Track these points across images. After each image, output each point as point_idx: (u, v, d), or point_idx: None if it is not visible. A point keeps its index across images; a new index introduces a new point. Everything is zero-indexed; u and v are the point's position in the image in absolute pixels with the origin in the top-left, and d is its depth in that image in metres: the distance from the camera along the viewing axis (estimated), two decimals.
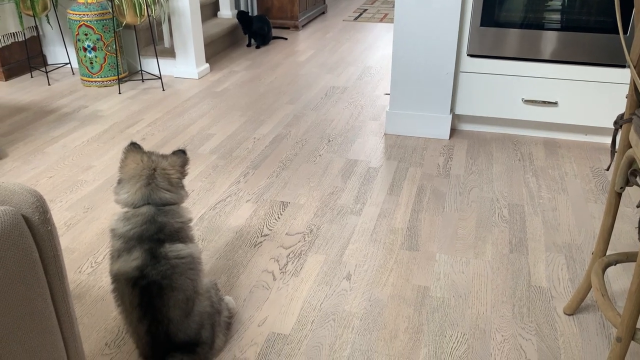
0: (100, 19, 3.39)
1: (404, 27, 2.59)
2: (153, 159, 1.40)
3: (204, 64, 3.80)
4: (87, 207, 2.16)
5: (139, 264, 1.31)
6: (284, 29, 5.14)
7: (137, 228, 1.34)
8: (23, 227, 0.90)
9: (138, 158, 1.39)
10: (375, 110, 3.14)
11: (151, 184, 1.36)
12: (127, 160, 1.40)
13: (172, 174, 1.40)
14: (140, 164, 1.38)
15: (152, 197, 1.36)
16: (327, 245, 1.93)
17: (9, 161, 2.53)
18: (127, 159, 1.40)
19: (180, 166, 1.42)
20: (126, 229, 1.35)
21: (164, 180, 1.38)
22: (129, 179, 1.38)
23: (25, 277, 0.91)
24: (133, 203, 1.36)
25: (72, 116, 3.06)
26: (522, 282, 1.75)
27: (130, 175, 1.38)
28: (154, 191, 1.36)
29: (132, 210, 1.36)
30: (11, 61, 3.66)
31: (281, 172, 2.44)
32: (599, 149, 2.64)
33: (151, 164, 1.38)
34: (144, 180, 1.36)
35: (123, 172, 1.40)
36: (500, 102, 2.68)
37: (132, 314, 1.33)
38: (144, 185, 1.36)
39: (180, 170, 1.42)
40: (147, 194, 1.36)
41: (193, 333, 1.37)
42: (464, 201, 2.20)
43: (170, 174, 1.40)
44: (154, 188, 1.36)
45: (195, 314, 1.37)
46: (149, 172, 1.37)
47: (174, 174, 1.40)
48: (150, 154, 1.41)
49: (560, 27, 2.47)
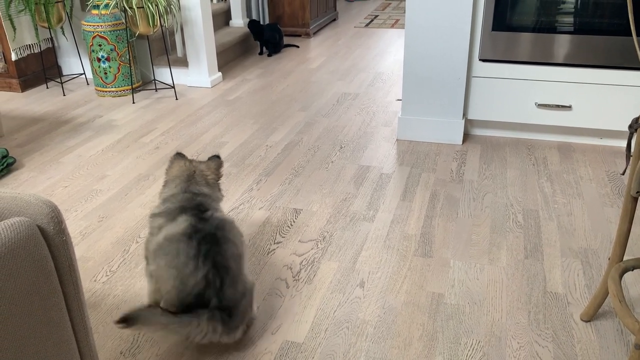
0: (113, 29, 3.43)
1: (415, 32, 2.59)
2: (194, 163, 1.64)
3: (216, 73, 3.83)
4: (101, 216, 2.18)
5: (188, 224, 1.45)
6: (295, 36, 5.16)
7: (177, 203, 1.52)
8: (38, 237, 0.91)
9: (181, 163, 1.64)
10: (387, 116, 3.14)
11: (190, 181, 1.59)
12: (172, 165, 1.65)
13: (209, 175, 1.63)
14: (182, 167, 1.62)
15: (190, 188, 1.56)
16: (340, 252, 1.93)
17: (25, 171, 2.56)
18: (172, 164, 1.65)
19: (215, 169, 1.65)
20: (166, 206, 1.53)
21: (201, 179, 1.61)
22: (172, 179, 1.61)
23: (40, 288, 0.92)
24: (174, 194, 1.56)
25: (87, 126, 3.09)
26: (538, 288, 1.73)
27: (174, 176, 1.61)
28: (192, 185, 1.58)
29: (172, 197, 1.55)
30: (27, 72, 3.72)
31: (293, 179, 2.44)
32: (615, 153, 2.61)
33: (191, 167, 1.62)
34: (184, 178, 1.59)
35: (168, 175, 1.64)
36: (513, 107, 2.66)
37: (186, 267, 1.38)
38: (184, 181, 1.58)
39: (215, 172, 1.65)
40: (187, 186, 1.57)
41: (237, 298, 1.44)
42: (478, 207, 2.19)
43: (207, 175, 1.63)
44: (193, 183, 1.58)
45: (243, 278, 1.47)
46: (190, 173, 1.61)
47: (210, 175, 1.63)
48: (192, 160, 1.65)
49: (573, 30, 2.46)
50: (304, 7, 5.08)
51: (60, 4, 3.47)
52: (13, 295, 0.86)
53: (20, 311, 0.88)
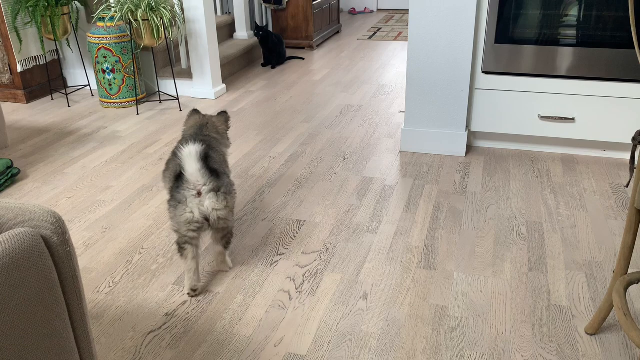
0: (119, 41, 3.46)
1: (418, 45, 2.60)
2: (206, 116, 2.04)
3: (220, 85, 3.85)
4: (105, 227, 2.19)
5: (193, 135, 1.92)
6: (299, 48, 5.19)
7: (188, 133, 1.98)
8: (42, 248, 0.92)
9: (196, 117, 2.04)
10: (391, 128, 3.14)
11: (202, 129, 1.97)
12: (189, 119, 2.06)
13: (219, 125, 2.03)
14: (197, 119, 2.02)
15: (203, 133, 1.95)
16: (344, 264, 1.92)
17: (29, 182, 2.57)
18: (189, 118, 2.06)
19: (225, 121, 2.06)
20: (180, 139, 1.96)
21: (213, 128, 2.00)
22: (189, 128, 2.01)
23: (44, 298, 0.92)
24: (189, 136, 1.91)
25: (91, 137, 3.11)
26: (542, 301, 1.72)
27: (190, 126, 2.01)
28: (204, 130, 1.96)
29: None
30: (32, 84, 3.75)
31: (297, 190, 2.45)
32: (618, 165, 2.61)
33: (205, 119, 2.02)
34: (199, 127, 1.97)
35: (186, 125, 2.04)
36: (516, 119, 2.67)
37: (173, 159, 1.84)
38: (199, 128, 1.97)
39: (225, 123, 2.06)
40: (200, 131, 1.95)
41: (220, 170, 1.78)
42: (482, 219, 2.18)
43: (218, 125, 2.03)
44: (205, 130, 1.97)
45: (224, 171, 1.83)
46: (203, 123, 2.00)
47: (221, 125, 2.04)
48: (205, 114, 2.06)
49: (575, 42, 2.47)
50: (308, 20, 5.12)
51: (67, 16, 3.50)
52: (17, 306, 0.86)
53: (24, 322, 0.88)
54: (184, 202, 1.69)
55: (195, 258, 1.75)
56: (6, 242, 0.85)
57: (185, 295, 1.78)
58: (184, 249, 1.73)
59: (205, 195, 1.69)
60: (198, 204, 1.69)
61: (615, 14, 2.38)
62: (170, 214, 1.73)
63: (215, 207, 1.70)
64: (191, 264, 1.74)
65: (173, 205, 1.71)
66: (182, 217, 1.69)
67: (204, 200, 1.69)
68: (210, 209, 1.69)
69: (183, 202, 1.69)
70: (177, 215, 1.70)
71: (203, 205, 1.69)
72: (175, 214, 1.71)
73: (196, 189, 1.68)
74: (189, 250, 1.73)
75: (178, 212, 1.70)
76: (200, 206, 1.69)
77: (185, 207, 1.69)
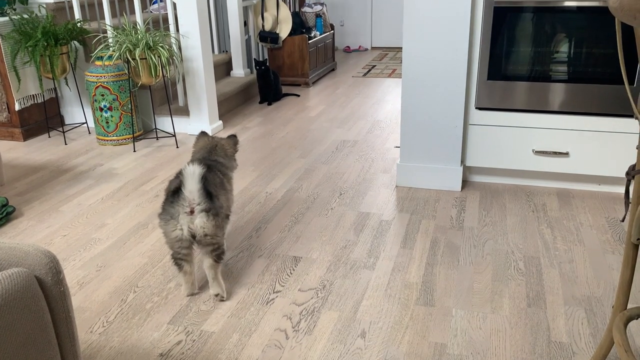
0: (116, 80, 3.50)
1: (412, 81, 2.64)
2: (215, 139, 2.13)
3: (217, 121, 3.88)
4: (100, 265, 2.16)
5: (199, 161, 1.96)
6: (295, 85, 5.26)
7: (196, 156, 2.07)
8: (36, 288, 0.91)
9: (206, 139, 2.13)
10: (386, 163, 3.16)
11: (212, 151, 2.07)
12: (198, 141, 2.14)
13: (228, 148, 2.13)
14: (206, 142, 2.11)
15: (211, 157, 2.04)
16: (341, 301, 1.90)
17: (24, 220, 2.56)
18: (198, 140, 2.14)
19: (233, 144, 2.15)
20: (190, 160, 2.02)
21: (221, 151, 2.10)
22: (198, 150, 2.09)
23: (36, 340, 0.90)
24: (197, 159, 2.00)
25: (88, 174, 3.11)
26: (542, 338, 1.70)
27: (200, 148, 2.10)
28: (212, 154, 2.06)
29: None
30: (30, 122, 3.77)
31: (293, 226, 2.44)
32: (614, 199, 2.62)
33: (214, 141, 2.12)
34: (207, 149, 2.07)
35: (195, 147, 2.12)
36: (510, 154, 2.69)
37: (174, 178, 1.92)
38: (207, 151, 2.07)
39: (233, 147, 2.15)
40: (208, 155, 2.05)
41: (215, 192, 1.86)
42: (479, 254, 2.17)
43: (227, 148, 2.12)
44: (214, 153, 2.07)
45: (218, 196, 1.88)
46: (212, 145, 2.09)
47: (229, 148, 2.13)
48: (214, 137, 2.15)
49: (567, 78, 2.51)
50: (304, 58, 5.20)
51: (65, 55, 3.55)
52: (9, 348, 0.84)
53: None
54: (175, 217, 1.80)
55: (191, 272, 1.91)
56: None
57: (180, 335, 1.75)
58: (180, 265, 1.88)
59: (196, 215, 1.79)
60: (189, 221, 1.80)
61: (605, 50, 2.43)
62: (161, 228, 1.85)
63: (203, 225, 1.80)
64: (187, 278, 1.91)
65: (164, 219, 1.82)
66: (172, 234, 1.81)
67: (195, 218, 1.79)
68: (198, 227, 1.80)
69: (175, 218, 1.80)
70: (168, 231, 1.82)
71: (193, 223, 1.80)
72: (166, 229, 1.83)
73: (190, 206, 1.78)
74: (184, 265, 1.88)
75: (169, 227, 1.81)
76: (190, 224, 1.80)
77: (176, 222, 1.80)
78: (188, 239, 1.82)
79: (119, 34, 3.37)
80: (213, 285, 1.91)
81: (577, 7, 2.39)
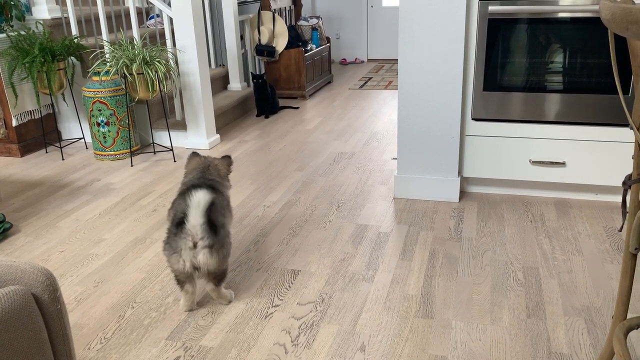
0: (113, 95, 3.51)
1: (408, 93, 2.65)
2: (208, 158, 2.07)
3: (214, 135, 3.89)
4: (97, 281, 2.15)
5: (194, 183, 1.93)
6: (292, 98, 5.28)
7: (193, 181, 1.96)
8: (33, 306, 0.90)
9: (198, 159, 2.07)
10: (384, 175, 3.16)
11: (205, 172, 2.01)
12: (190, 161, 2.08)
13: (221, 169, 2.06)
14: (199, 162, 2.06)
15: (204, 177, 1.98)
16: (340, 314, 1.89)
17: (21, 236, 2.55)
18: (190, 160, 2.09)
19: (227, 165, 2.09)
20: (184, 180, 2.01)
21: (215, 171, 2.03)
22: (190, 171, 2.03)
23: (33, 358, 0.89)
24: (191, 179, 1.97)
25: (85, 190, 3.10)
26: (542, 349, 1.69)
27: (192, 168, 2.04)
28: (206, 174, 1.99)
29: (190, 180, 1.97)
30: (27, 138, 3.77)
31: (291, 239, 2.43)
32: (611, 208, 2.62)
33: (207, 161, 2.05)
34: (201, 169, 2.01)
35: (187, 168, 2.07)
36: (507, 164, 2.69)
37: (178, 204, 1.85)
38: (201, 171, 2.01)
39: (226, 167, 2.09)
40: (201, 175, 1.99)
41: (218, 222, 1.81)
42: (478, 265, 2.17)
43: (220, 168, 2.06)
44: (207, 173, 2.00)
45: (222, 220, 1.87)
46: (205, 166, 2.03)
47: (223, 169, 2.07)
48: (206, 156, 2.09)
49: (562, 89, 2.52)
50: (300, 71, 5.22)
51: (62, 71, 3.56)
52: None
53: None
54: (178, 252, 1.78)
55: (193, 292, 1.91)
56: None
57: (179, 351, 1.74)
58: (182, 286, 1.89)
59: (200, 250, 1.77)
60: (192, 256, 1.78)
61: (599, 60, 2.45)
62: (165, 257, 1.84)
63: (206, 262, 1.79)
64: (188, 297, 1.91)
65: (168, 251, 1.81)
66: (175, 265, 1.81)
67: (198, 254, 1.77)
68: (201, 263, 1.79)
69: (178, 252, 1.78)
70: (171, 263, 1.82)
71: (196, 258, 1.78)
72: (169, 260, 1.82)
73: (193, 240, 1.76)
74: (186, 285, 1.88)
75: (172, 260, 1.81)
76: (193, 258, 1.78)
77: (179, 257, 1.79)
78: (190, 272, 1.82)
79: (116, 49, 3.38)
80: (218, 299, 1.96)
81: (571, 18, 2.41)
